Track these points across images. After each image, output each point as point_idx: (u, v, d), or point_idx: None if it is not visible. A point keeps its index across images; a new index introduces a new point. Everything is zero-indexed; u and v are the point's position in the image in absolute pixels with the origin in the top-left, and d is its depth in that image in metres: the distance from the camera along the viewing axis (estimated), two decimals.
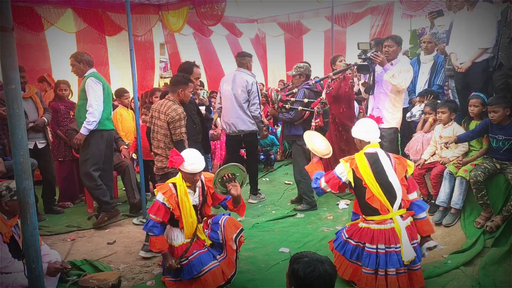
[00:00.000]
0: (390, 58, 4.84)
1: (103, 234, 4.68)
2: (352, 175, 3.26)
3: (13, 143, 1.98)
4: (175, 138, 4.00)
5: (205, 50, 10.81)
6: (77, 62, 4.76)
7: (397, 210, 3.17)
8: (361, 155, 3.32)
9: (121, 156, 5.62)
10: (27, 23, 7.22)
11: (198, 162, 3.28)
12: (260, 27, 11.52)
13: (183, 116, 4.01)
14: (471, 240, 3.77)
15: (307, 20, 10.64)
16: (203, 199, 3.48)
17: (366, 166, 3.23)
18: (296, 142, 5.20)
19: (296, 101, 5.10)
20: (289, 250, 4.05)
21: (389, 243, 3.07)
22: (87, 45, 8.30)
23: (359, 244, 3.23)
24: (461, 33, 4.59)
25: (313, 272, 1.93)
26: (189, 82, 4.19)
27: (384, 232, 3.10)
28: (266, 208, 5.49)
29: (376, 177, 3.19)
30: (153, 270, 3.75)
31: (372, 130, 3.41)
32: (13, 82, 1.95)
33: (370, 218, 3.21)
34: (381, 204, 3.14)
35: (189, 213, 3.30)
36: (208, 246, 3.38)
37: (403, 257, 3.03)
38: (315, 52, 10.76)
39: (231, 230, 3.33)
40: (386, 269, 3.05)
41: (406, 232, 3.10)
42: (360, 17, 9.62)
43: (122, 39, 8.57)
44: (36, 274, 2.04)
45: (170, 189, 3.30)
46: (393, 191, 3.18)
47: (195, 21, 9.25)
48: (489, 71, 4.46)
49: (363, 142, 3.40)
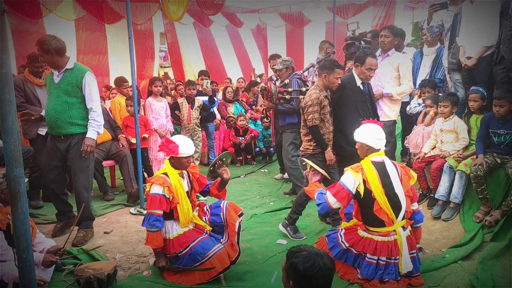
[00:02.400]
0: (386, 49, 4.79)
1: (100, 224, 4.63)
2: (363, 186, 3.05)
3: (3, 130, 1.91)
4: (308, 123, 4.00)
5: (204, 40, 10.72)
6: (45, 53, 3.81)
7: (399, 222, 3.10)
8: (369, 164, 3.11)
9: (119, 145, 5.58)
10: (25, 10, 7.13)
11: (190, 144, 3.38)
12: (262, 17, 11.41)
13: (316, 101, 3.98)
14: (469, 234, 3.74)
15: (308, 11, 10.56)
16: (191, 185, 3.53)
17: (376, 177, 3.04)
18: (291, 129, 5.23)
19: (294, 91, 5.17)
20: (287, 242, 4.02)
21: (390, 255, 3.02)
22: (86, 33, 8.23)
23: (361, 254, 3.16)
24: (468, 27, 4.51)
25: (313, 266, 1.89)
26: (335, 67, 4.05)
27: (387, 244, 3.03)
28: (264, 200, 5.46)
29: (384, 189, 3.04)
30: (149, 259, 3.70)
31: (383, 137, 3.23)
32: (4, 66, 1.88)
33: (374, 230, 3.10)
34: (388, 217, 3.05)
35: (183, 200, 3.33)
36: (209, 232, 3.40)
37: (400, 268, 3.00)
38: (316, 43, 10.64)
39: (233, 213, 3.37)
40: (382, 278, 3.04)
41: (406, 242, 3.07)
42: (362, 9, 9.54)
43: (121, 27, 8.46)
44: (27, 264, 1.99)
45: (166, 180, 3.29)
46: (399, 203, 3.08)
47: (195, 10, 9.16)
48: (492, 65, 4.40)
49: (371, 149, 3.18)
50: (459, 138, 4.32)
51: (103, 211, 4.98)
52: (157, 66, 10.18)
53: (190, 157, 3.38)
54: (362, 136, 3.23)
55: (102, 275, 3.10)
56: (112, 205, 5.19)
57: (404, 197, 3.11)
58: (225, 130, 7.66)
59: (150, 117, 5.88)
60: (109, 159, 5.55)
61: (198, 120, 6.45)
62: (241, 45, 11.44)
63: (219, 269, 3.21)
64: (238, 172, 6.93)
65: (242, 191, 5.86)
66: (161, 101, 6.07)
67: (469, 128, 4.35)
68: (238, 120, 7.44)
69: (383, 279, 3.02)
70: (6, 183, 3.04)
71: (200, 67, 9.86)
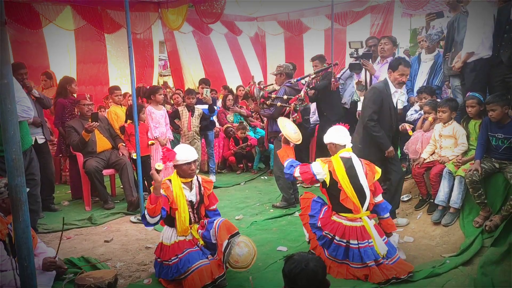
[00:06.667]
0: (385, 55, 4.86)
1: (101, 232, 4.65)
2: (329, 177, 3.48)
3: (5, 140, 1.94)
4: None
5: (204, 48, 10.79)
6: None
7: (364, 211, 3.48)
8: (337, 158, 3.55)
9: (119, 153, 5.61)
10: (24, 20, 7.18)
11: (189, 151, 3.43)
12: (260, 25, 11.47)
13: None
14: (469, 239, 3.74)
15: (307, 18, 10.61)
16: (200, 197, 3.52)
17: (343, 170, 3.49)
18: (278, 138, 5.23)
19: (276, 98, 5.22)
20: (287, 249, 4.03)
21: (362, 239, 3.35)
22: (86, 43, 8.28)
23: (328, 235, 3.46)
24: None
25: (296, 268, 2.03)
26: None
27: (356, 228, 3.39)
28: (264, 207, 5.47)
29: (351, 181, 3.46)
30: (150, 268, 3.71)
31: (347, 134, 3.68)
32: (5, 76, 1.92)
33: (342, 215, 3.49)
34: (354, 205, 3.44)
35: (182, 208, 3.36)
36: (201, 245, 3.40)
37: (378, 250, 3.31)
38: (315, 51, 10.67)
39: (224, 232, 3.28)
40: (364, 263, 3.29)
41: (375, 229, 3.44)
42: (360, 16, 9.60)
43: (121, 36, 8.56)
44: (28, 272, 2.01)
45: (166, 184, 3.37)
46: (364, 193, 3.49)
47: (194, 19, 9.23)
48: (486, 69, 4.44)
49: (339, 146, 3.62)
50: (458, 143, 4.35)
51: (103, 220, 5.00)
52: (156, 74, 10.23)
53: (191, 164, 3.39)
54: (329, 137, 3.69)
55: (102, 284, 3.11)
56: (113, 213, 5.22)
57: (368, 189, 3.51)
58: (224, 138, 7.69)
59: (151, 125, 5.92)
60: (109, 168, 5.58)
61: (198, 128, 6.48)
62: (240, 53, 11.51)
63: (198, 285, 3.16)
64: (238, 179, 6.95)
65: (242, 198, 5.87)
66: (160, 109, 6.12)
67: (468, 133, 4.37)
68: (238, 132, 7.46)
69: (365, 263, 3.29)
70: (8, 192, 3.08)
71: (200, 75, 9.91)
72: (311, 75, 5.65)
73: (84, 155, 5.48)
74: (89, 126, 5.31)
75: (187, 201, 3.41)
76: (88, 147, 5.46)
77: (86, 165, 5.34)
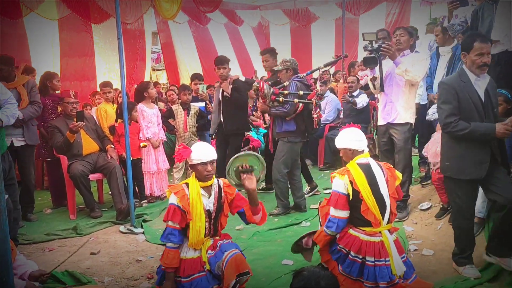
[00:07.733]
0: (402, 48, 4.84)
1: (87, 244, 4.64)
2: (351, 188, 3.29)
3: None
4: None
5: (201, 39, 10.80)
6: None
7: (386, 224, 3.32)
8: (355, 166, 3.37)
9: (107, 156, 5.61)
10: (2, 9, 7.16)
11: (207, 149, 3.26)
12: (263, 14, 11.51)
13: None
14: None
15: (315, 7, 10.63)
16: (219, 206, 3.37)
17: (363, 178, 3.30)
18: (287, 138, 5.26)
19: (290, 94, 5.18)
20: (293, 263, 4.02)
21: (379, 256, 3.19)
22: (71, 34, 8.30)
23: (343, 250, 3.33)
24: None
25: (305, 286, 2.01)
26: None
27: (373, 244, 3.23)
28: (267, 216, 5.45)
29: (372, 190, 3.29)
30: (141, 283, 3.72)
31: (364, 138, 3.48)
32: None
33: (360, 228, 3.32)
34: (375, 217, 3.27)
35: (198, 216, 3.22)
36: (207, 270, 3.25)
37: (394, 270, 3.15)
38: (324, 43, 10.74)
39: (232, 270, 3.08)
40: (377, 283, 3.15)
41: (395, 246, 3.26)
42: (374, 4, 9.63)
43: (109, 27, 8.55)
44: None
45: (182, 189, 3.24)
46: (385, 203, 3.32)
47: (190, 7, 9.26)
48: None
49: (356, 152, 3.44)
50: None
51: (89, 230, 5.00)
52: (148, 69, 10.28)
53: (207, 165, 3.22)
54: (344, 142, 3.48)
55: None
56: (100, 223, 5.22)
57: (389, 198, 3.35)
58: None
59: (142, 125, 5.94)
60: (97, 172, 5.59)
61: (195, 128, 6.50)
62: (242, 45, 11.53)
63: None
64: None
65: None
66: (152, 107, 6.14)
67: None
68: None
69: (377, 283, 3.15)
70: None
71: (197, 70, 9.94)
72: (320, 68, 5.66)
73: (68, 158, 5.48)
74: (74, 126, 5.32)
75: (205, 210, 3.27)
76: (73, 149, 5.46)
77: (71, 169, 5.35)
